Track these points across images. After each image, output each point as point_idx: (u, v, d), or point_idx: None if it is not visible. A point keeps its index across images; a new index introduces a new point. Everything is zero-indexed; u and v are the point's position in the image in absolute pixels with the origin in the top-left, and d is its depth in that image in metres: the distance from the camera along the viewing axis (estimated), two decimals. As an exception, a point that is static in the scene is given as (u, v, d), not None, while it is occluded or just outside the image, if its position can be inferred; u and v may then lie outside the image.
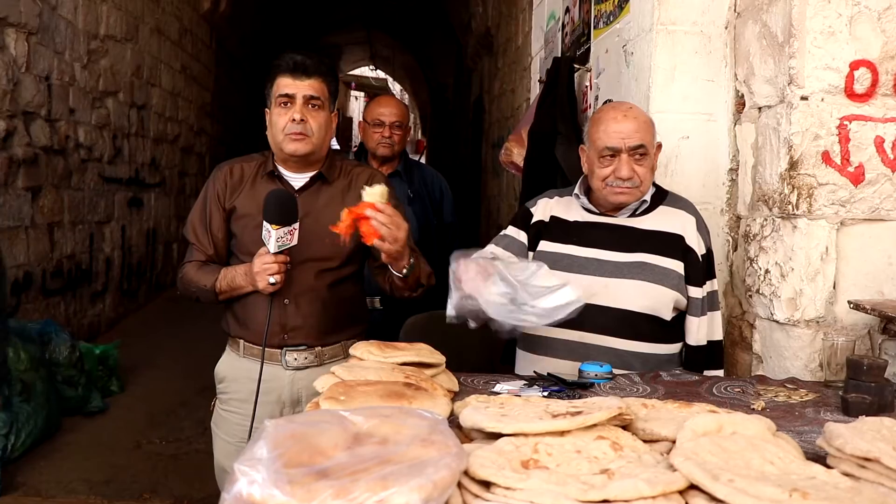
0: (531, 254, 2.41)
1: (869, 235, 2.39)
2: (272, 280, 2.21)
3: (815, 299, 2.38)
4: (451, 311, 1.95)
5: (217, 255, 2.45)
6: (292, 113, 2.33)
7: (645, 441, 1.32)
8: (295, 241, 2.22)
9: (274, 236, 2.18)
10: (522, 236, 2.44)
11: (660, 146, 2.38)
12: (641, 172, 2.27)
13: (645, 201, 2.33)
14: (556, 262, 2.33)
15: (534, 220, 2.44)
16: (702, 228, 2.36)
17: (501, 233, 2.50)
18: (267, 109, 2.42)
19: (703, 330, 2.31)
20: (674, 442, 1.26)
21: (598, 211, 2.38)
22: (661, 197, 2.39)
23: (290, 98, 2.33)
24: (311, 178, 2.43)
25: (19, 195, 5.30)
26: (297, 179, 2.43)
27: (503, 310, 1.87)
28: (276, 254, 2.20)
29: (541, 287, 1.91)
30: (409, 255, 2.24)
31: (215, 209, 2.44)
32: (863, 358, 1.80)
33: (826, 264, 2.37)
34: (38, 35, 5.44)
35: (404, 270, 2.26)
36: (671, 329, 2.31)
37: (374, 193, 2.05)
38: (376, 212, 2.03)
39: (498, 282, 1.90)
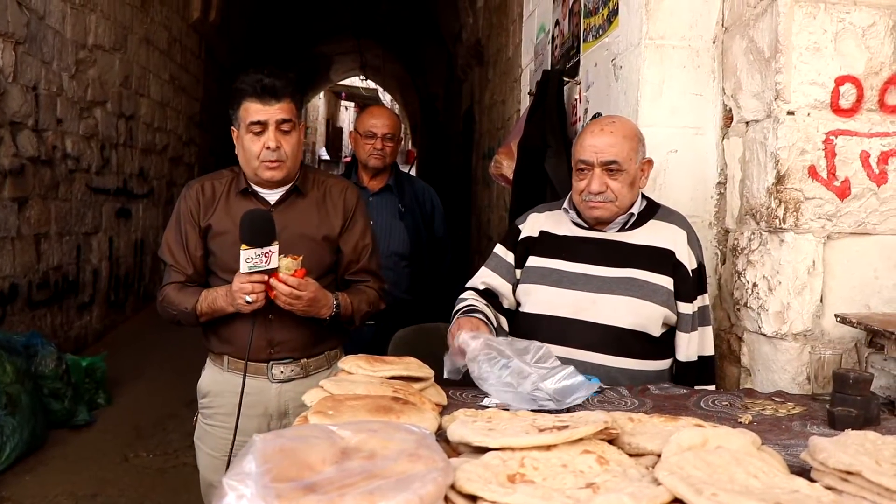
0: (518, 271, 2.42)
1: (855, 249, 2.41)
2: (248, 299, 2.19)
3: (803, 313, 2.39)
4: (447, 374, 2.01)
5: (196, 273, 2.43)
6: (266, 140, 2.31)
7: (631, 455, 1.32)
8: (273, 264, 2.17)
9: (242, 257, 2.15)
10: (510, 257, 2.45)
11: (650, 162, 2.38)
12: (615, 187, 2.26)
13: (632, 214, 2.33)
14: (545, 277, 2.33)
15: (522, 236, 2.45)
16: (693, 242, 2.35)
17: (493, 251, 2.52)
18: (233, 129, 2.41)
19: (693, 346, 2.30)
20: (659, 456, 1.27)
21: (586, 225, 2.38)
22: (653, 211, 2.38)
23: (262, 125, 2.31)
24: (287, 191, 2.43)
25: (5, 206, 5.28)
26: (272, 195, 2.43)
27: (508, 394, 1.84)
28: (248, 273, 2.17)
29: (545, 368, 1.88)
30: (327, 308, 2.33)
31: (190, 228, 2.42)
32: (849, 371, 1.81)
33: (813, 278, 2.39)
34: (25, 44, 5.43)
35: (326, 320, 2.35)
36: (660, 345, 2.30)
37: (282, 267, 2.19)
38: (277, 283, 2.19)
39: (498, 365, 1.90)
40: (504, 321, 2.41)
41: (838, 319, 2.27)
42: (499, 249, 2.49)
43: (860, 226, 2.40)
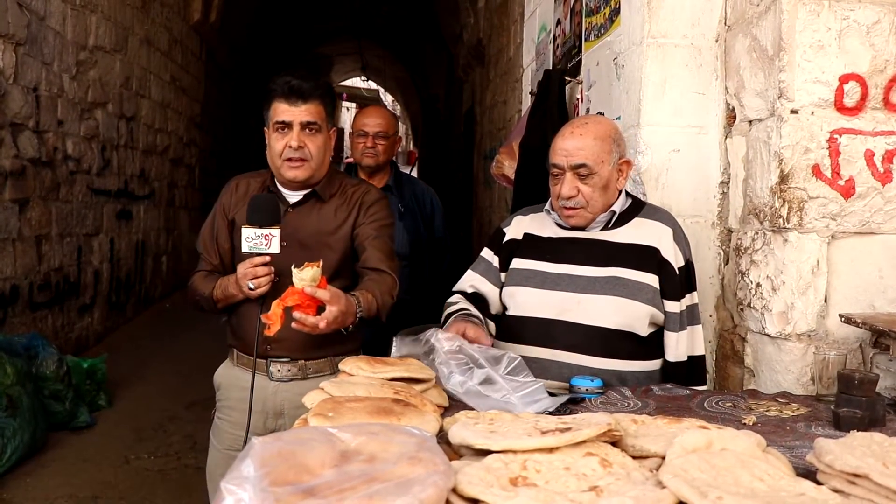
0: (503, 274, 2.40)
1: (860, 249, 2.39)
2: (250, 285, 2.21)
3: (807, 313, 2.37)
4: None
5: (223, 265, 2.49)
6: (289, 139, 2.34)
7: (634, 457, 1.30)
8: (273, 249, 2.20)
9: (243, 236, 2.20)
10: (496, 260, 2.44)
11: (628, 163, 2.31)
12: (587, 192, 2.22)
13: (614, 213, 2.28)
14: (529, 279, 2.30)
15: (506, 239, 2.44)
16: (680, 240, 2.29)
17: (480, 254, 2.50)
18: (266, 129, 2.44)
19: (682, 345, 2.24)
20: (663, 458, 1.25)
21: (569, 225, 2.33)
22: (637, 208, 2.33)
23: (286, 125, 2.35)
24: (305, 195, 2.45)
25: (6, 207, 5.27)
26: (293, 196, 2.46)
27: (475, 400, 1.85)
28: (251, 255, 2.20)
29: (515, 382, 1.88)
30: (352, 315, 2.14)
31: (221, 221, 2.50)
32: (854, 372, 1.79)
33: (817, 278, 2.37)
34: (25, 46, 5.42)
35: (350, 327, 2.19)
36: (648, 346, 2.24)
37: (305, 278, 1.99)
38: (303, 316, 1.99)
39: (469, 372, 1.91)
40: (493, 326, 2.39)
41: (843, 319, 2.26)
42: (485, 253, 2.48)
43: (865, 225, 2.38)
